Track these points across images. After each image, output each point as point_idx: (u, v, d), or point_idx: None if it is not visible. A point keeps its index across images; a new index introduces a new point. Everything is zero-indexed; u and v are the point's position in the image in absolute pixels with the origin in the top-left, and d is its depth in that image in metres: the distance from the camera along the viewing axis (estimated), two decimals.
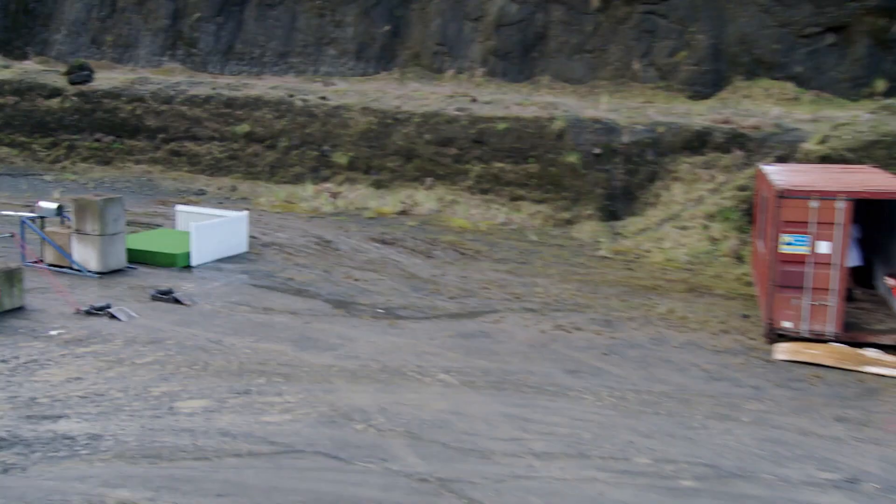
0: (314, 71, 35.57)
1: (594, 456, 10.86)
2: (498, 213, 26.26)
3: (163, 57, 36.81)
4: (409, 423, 11.69)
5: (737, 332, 16.87)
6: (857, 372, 14.64)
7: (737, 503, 9.69)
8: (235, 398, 12.38)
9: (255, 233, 23.05)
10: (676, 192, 25.41)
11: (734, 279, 20.96)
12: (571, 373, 14.20)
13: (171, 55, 36.79)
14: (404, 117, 29.09)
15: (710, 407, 12.86)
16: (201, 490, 9.55)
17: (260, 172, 30.03)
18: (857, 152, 22.79)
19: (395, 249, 22.80)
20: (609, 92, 31.03)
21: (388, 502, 9.41)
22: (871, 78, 28.57)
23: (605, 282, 20.39)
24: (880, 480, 10.41)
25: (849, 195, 15.61)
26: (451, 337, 15.91)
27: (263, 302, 17.66)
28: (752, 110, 27.87)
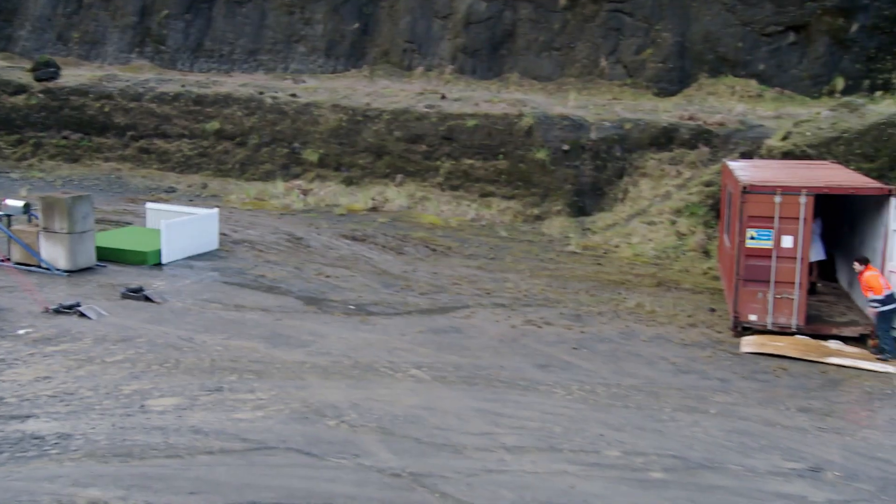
0: (284, 68, 35.44)
1: (565, 449, 10.99)
2: (468, 210, 26.38)
3: (131, 54, 36.45)
4: (381, 418, 11.75)
5: (704, 325, 17.13)
6: (820, 363, 14.94)
7: (705, 494, 9.87)
8: (207, 395, 12.37)
9: (226, 230, 22.96)
10: (644, 187, 25.69)
11: (701, 273, 21.25)
12: (542, 367, 14.35)
13: (140, 52, 36.44)
14: (374, 114, 29.09)
15: (678, 399, 13.06)
16: (173, 488, 9.54)
17: (230, 170, 29.89)
18: (818, 148, 23.19)
19: (366, 246, 22.83)
20: (577, 89, 31.27)
21: (361, 498, 9.47)
22: (831, 76, 29.09)
23: (575, 277, 20.58)
24: (842, 469, 10.66)
25: (811, 190, 15.92)
26: (422, 333, 15.99)
27: (234, 299, 17.63)
28: (717, 107, 28.25)
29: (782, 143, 24.04)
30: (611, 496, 9.70)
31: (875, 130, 22.92)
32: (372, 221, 25.33)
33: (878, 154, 22.63)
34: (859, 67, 28.94)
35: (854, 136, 23.10)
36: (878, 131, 22.88)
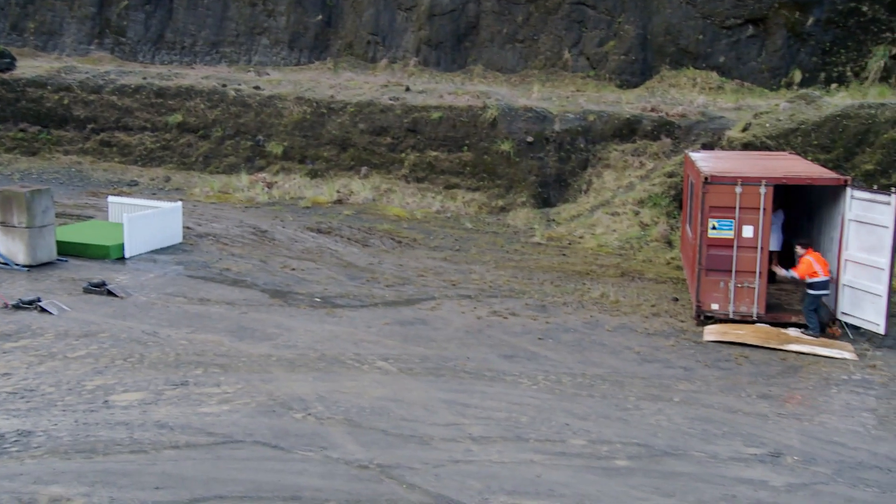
0: (247, 61, 35.16)
1: (531, 439, 11.09)
2: (433, 202, 26.40)
3: (90, 45, 35.91)
4: (348, 410, 11.76)
5: (667, 314, 17.34)
6: (779, 350, 15.22)
7: (668, 481, 10.01)
8: (172, 390, 12.29)
9: (190, 223, 22.75)
10: (607, 178, 25.91)
11: (664, 263, 21.51)
12: (508, 358, 14.44)
13: (99, 44, 35.92)
14: (339, 107, 28.98)
15: (642, 388, 13.23)
16: (139, 483, 9.47)
17: (194, 163, 29.60)
18: (777, 139, 23.56)
19: (332, 238, 22.76)
20: (540, 81, 31.42)
21: (329, 490, 9.48)
22: (789, 69, 29.55)
23: (540, 268, 20.71)
24: (800, 453, 10.89)
25: (770, 181, 16.17)
26: (388, 325, 16.01)
27: (199, 293, 17.50)
28: (679, 99, 28.57)
29: (742, 135, 24.37)
30: (576, 484, 9.81)
31: (831, 122, 23.33)
32: (337, 214, 25.25)
33: (834, 145, 23.04)
34: (815, 60, 29.43)
35: (811, 128, 23.50)
36: (833, 123, 23.29)
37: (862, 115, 23.03)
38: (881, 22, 28.75)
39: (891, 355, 15.12)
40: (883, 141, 22.39)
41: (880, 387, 13.63)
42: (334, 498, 9.29)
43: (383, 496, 9.37)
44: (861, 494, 9.82)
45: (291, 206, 26.17)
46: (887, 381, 13.84)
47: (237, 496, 9.26)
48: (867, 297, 15.54)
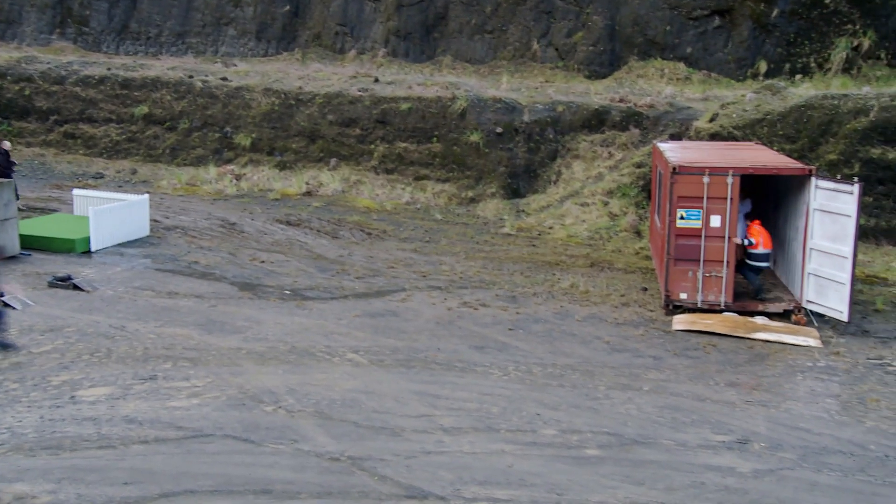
0: (214, 51, 34.79)
1: (502, 429, 11.13)
2: (403, 193, 26.36)
3: (51, 35, 35.30)
4: (318, 403, 11.73)
5: (637, 304, 17.47)
6: (747, 339, 15.40)
7: (638, 469, 10.11)
8: (141, 384, 12.17)
9: (157, 216, 22.51)
10: (577, 169, 26.02)
11: (633, 253, 21.66)
12: (478, 349, 14.47)
13: (61, 33, 35.32)
14: (307, 98, 28.79)
15: (612, 378, 13.32)
16: (107, 479, 9.38)
17: (160, 155, 29.26)
18: (744, 130, 23.80)
19: (301, 230, 22.65)
20: (509, 72, 31.43)
21: (300, 483, 9.46)
22: (754, 59, 29.82)
23: (510, 258, 20.77)
24: (767, 440, 11.04)
25: (737, 171, 16.33)
26: (358, 316, 15.97)
27: (167, 286, 17.33)
28: (647, 90, 28.73)
29: (710, 125, 24.58)
30: (548, 474, 9.87)
31: (796, 112, 23.60)
32: (306, 206, 25.12)
33: (799, 135, 23.32)
34: (780, 51, 29.72)
35: (777, 118, 23.76)
36: (798, 113, 23.56)
37: (825, 106, 23.33)
38: (843, 14, 29.09)
39: (854, 342, 15.36)
40: (846, 131, 22.70)
41: (843, 373, 13.85)
42: (305, 490, 9.27)
43: (355, 488, 9.36)
44: (825, 479, 9.99)
45: (260, 198, 25.98)
46: (850, 368, 14.08)
47: (207, 490, 9.20)
48: (831, 285, 15.76)
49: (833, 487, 9.78)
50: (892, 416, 12.05)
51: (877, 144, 22.34)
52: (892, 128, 22.27)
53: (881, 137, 22.36)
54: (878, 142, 22.35)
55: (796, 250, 16.82)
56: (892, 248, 21.22)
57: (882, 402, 12.53)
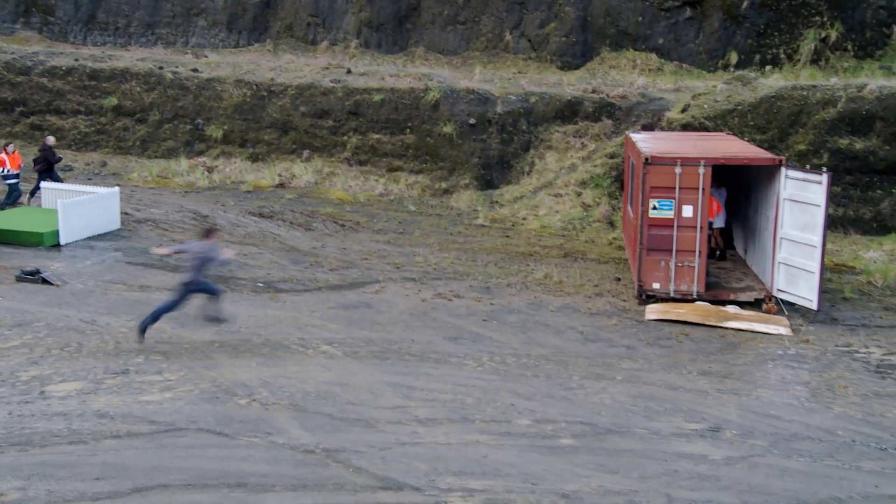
0: (184, 42, 34.44)
1: (477, 420, 11.15)
2: (376, 185, 26.29)
3: (15, 24, 34.75)
4: (293, 395, 11.68)
5: (610, 294, 17.57)
6: (719, 328, 15.55)
7: (612, 458, 10.17)
8: (112, 379, 12.05)
9: (128, 209, 22.26)
10: (550, 160, 26.09)
11: (606, 244, 21.77)
12: (453, 340, 14.49)
13: (25, 23, 34.78)
14: (279, 89, 28.61)
15: (586, 367, 13.39)
16: (78, 475, 9.28)
17: (131, 147, 28.95)
18: (715, 120, 23.98)
19: (274, 223, 22.52)
20: (482, 63, 31.43)
21: (275, 475, 9.42)
22: (725, 50, 30.06)
23: (483, 249, 20.79)
24: (738, 427, 11.16)
25: (709, 161, 16.46)
26: (332, 308, 15.92)
27: (139, 279, 17.16)
28: (619, 80, 28.85)
29: (681, 116, 24.75)
30: (522, 464, 9.91)
31: (766, 103, 23.81)
32: (279, 198, 24.98)
33: (769, 125, 23.54)
34: (750, 43, 29.97)
35: (747, 109, 23.96)
36: (768, 104, 23.78)
37: (795, 97, 23.56)
38: (811, 6, 29.39)
39: (823, 330, 15.56)
40: (814, 122, 22.95)
41: (813, 360, 14.03)
42: (280, 483, 9.24)
43: (330, 480, 9.35)
44: (794, 464, 10.12)
45: (232, 190, 25.80)
46: (819, 355, 14.26)
47: (181, 484, 9.14)
48: (801, 273, 15.94)
49: (802, 473, 9.92)
50: (859, 402, 12.24)
51: (844, 135, 22.62)
52: (858, 118, 22.55)
53: (848, 128, 22.63)
54: (846, 132, 22.62)
55: (767, 240, 16.98)
56: (859, 237, 21.51)
57: (849, 389, 12.71)
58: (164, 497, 8.89)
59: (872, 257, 19.88)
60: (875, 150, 22.23)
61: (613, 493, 9.26)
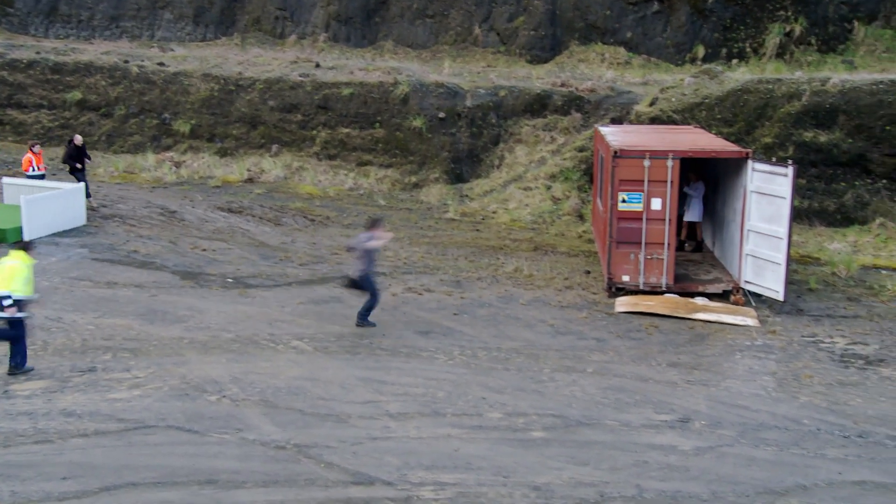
0: (150, 36, 34.03)
1: (448, 413, 11.18)
2: (346, 179, 26.18)
3: None
4: (263, 391, 11.63)
5: (580, 287, 17.66)
6: (688, 320, 15.70)
7: (583, 450, 10.25)
8: (79, 377, 11.91)
9: (94, 205, 21.99)
10: (519, 153, 26.14)
11: (576, 237, 21.87)
12: (423, 334, 14.49)
13: None
14: (247, 83, 28.37)
15: (556, 360, 13.46)
16: (44, 475, 9.18)
17: (96, 142, 28.52)
18: (683, 113, 24.17)
19: (243, 218, 22.36)
20: (451, 56, 31.40)
21: (245, 472, 9.38)
22: (692, 44, 30.30)
23: (454, 243, 20.80)
24: (707, 418, 11.28)
25: (677, 154, 16.58)
26: (302, 304, 15.85)
27: (106, 276, 16.96)
28: (588, 74, 28.97)
29: (650, 109, 24.90)
30: (494, 457, 9.95)
31: (733, 96, 24.04)
32: (248, 193, 24.79)
33: (735, 119, 23.76)
34: (717, 36, 30.24)
35: (714, 102, 24.17)
36: (735, 97, 24.00)
37: (761, 90, 23.80)
38: (776, 1, 29.71)
39: (789, 320, 15.77)
40: (780, 115, 23.20)
41: (779, 351, 14.22)
42: (251, 480, 9.19)
43: (301, 476, 9.32)
44: (762, 454, 10.25)
45: (201, 185, 25.57)
46: (785, 346, 14.45)
47: (150, 482, 9.07)
48: (768, 265, 16.12)
49: (769, 462, 10.05)
50: (823, 391, 12.42)
51: (809, 128, 22.90)
52: (822, 112, 22.84)
53: (813, 121, 22.91)
54: (811, 125, 22.91)
55: (734, 232, 17.16)
56: (824, 228, 21.80)
57: (815, 378, 12.90)
58: (132, 496, 8.82)
59: (836, 248, 20.17)
60: (838, 143, 22.53)
61: (584, 484, 9.33)
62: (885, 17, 30.14)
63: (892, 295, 17.30)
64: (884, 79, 23.29)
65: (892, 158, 22.19)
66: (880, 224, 21.35)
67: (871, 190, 22.19)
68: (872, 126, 22.32)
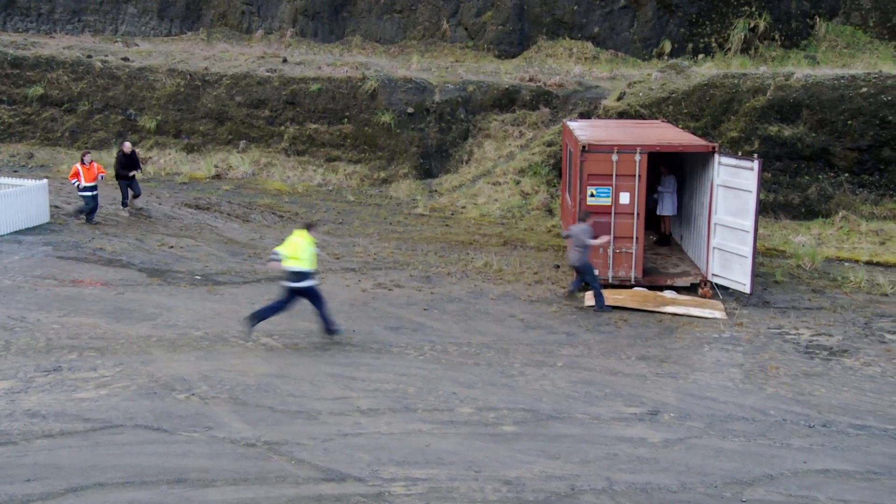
0: (113, 30, 33.59)
1: (419, 409, 11.17)
2: (314, 175, 26.05)
3: None
4: (233, 389, 11.54)
5: (549, 281, 17.72)
6: (656, 313, 15.82)
7: (554, 443, 10.29)
8: (44, 377, 11.74)
9: (58, 202, 21.67)
10: (488, 149, 26.17)
11: (545, 231, 21.95)
12: (394, 329, 14.47)
13: None
14: (214, 79, 28.11)
15: (527, 354, 13.50)
16: (7, 477, 9.02)
17: (59, 138, 28.13)
18: (650, 108, 24.33)
19: (211, 214, 22.16)
20: (419, 52, 31.36)
21: (215, 470, 9.30)
22: (659, 39, 30.54)
23: (423, 239, 20.78)
24: (676, 410, 11.39)
25: (644, 148, 16.69)
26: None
27: (71, 274, 16.73)
28: (556, 69, 29.07)
29: (617, 104, 25.04)
30: (465, 452, 9.96)
31: (699, 91, 24.25)
32: (216, 189, 24.58)
33: (702, 113, 23.98)
34: (683, 31, 30.49)
35: (681, 97, 24.36)
36: (701, 92, 24.22)
37: (726, 85, 24.03)
38: None
39: (756, 313, 15.95)
40: (745, 109, 23.44)
41: (746, 343, 14.38)
42: (221, 478, 9.12)
43: (271, 473, 9.26)
44: (729, 445, 10.37)
45: (168, 181, 25.31)
46: (752, 338, 14.62)
47: (118, 482, 8.96)
48: (735, 258, 16.30)
49: (737, 452, 10.17)
50: (789, 382, 12.59)
51: (773, 122, 23.16)
52: (787, 106, 23.12)
53: (777, 115, 23.18)
54: (775, 119, 23.18)
55: (702, 225, 17.32)
56: (789, 221, 22.08)
57: (781, 370, 13.07)
58: (100, 496, 8.71)
59: (801, 241, 20.43)
60: (802, 137, 22.82)
61: (555, 478, 9.37)
62: (846, 13, 30.61)
63: (855, 287, 17.58)
64: (845, 74, 23.63)
65: (853, 152, 22.54)
66: (843, 217, 21.68)
67: (833, 183, 22.52)
68: (835, 120, 22.64)
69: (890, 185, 22.24)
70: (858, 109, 22.48)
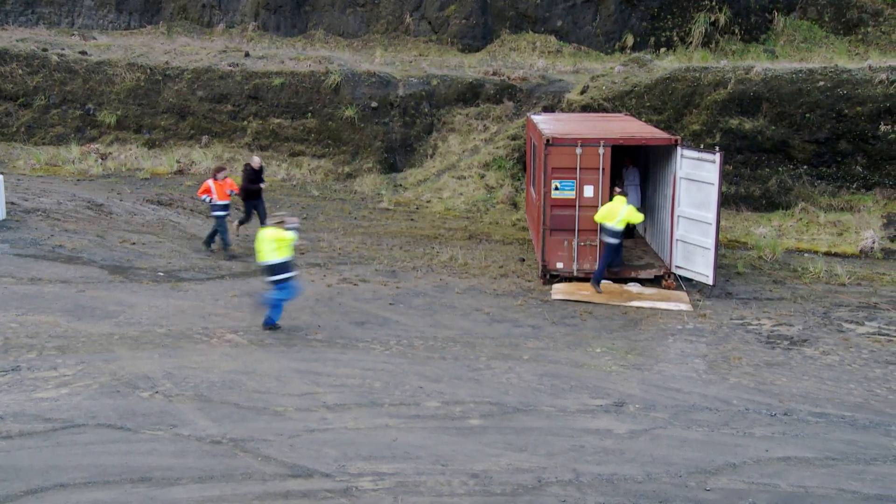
0: (69, 23, 33.01)
1: (386, 403, 11.15)
2: (278, 170, 25.87)
3: None
4: (197, 386, 11.43)
5: (515, 275, 17.79)
6: (621, 306, 15.95)
7: (521, 436, 10.33)
8: (2, 377, 11.53)
9: (14, 199, 21.25)
10: (453, 142, 26.17)
11: (510, 225, 22.01)
12: (359, 324, 14.43)
13: None
14: (175, 73, 27.77)
15: (493, 348, 13.54)
16: None
17: (14, 133, 27.60)
18: (613, 101, 24.50)
19: (174, 210, 21.91)
20: (383, 45, 31.26)
21: (180, 468, 9.21)
22: (622, 33, 30.74)
23: (388, 233, 20.74)
24: (641, 401, 11.49)
25: (608, 141, 16.80)
26: (236, 297, 15.63)
27: (29, 272, 16.43)
28: (520, 63, 29.15)
29: (581, 97, 25.17)
30: (432, 446, 9.97)
31: (661, 84, 24.46)
32: (178, 185, 24.30)
33: (665, 106, 24.19)
34: (645, 25, 30.73)
35: (644, 90, 24.55)
36: (664, 85, 24.43)
37: (688, 78, 24.26)
38: None
39: (718, 304, 16.15)
40: (707, 102, 23.70)
41: (710, 334, 14.56)
42: (186, 476, 9.04)
43: (238, 470, 9.20)
44: (694, 434, 10.49)
45: (129, 177, 24.96)
46: (715, 329, 14.80)
47: (80, 482, 8.84)
48: (698, 250, 16.47)
49: (701, 442, 10.29)
50: (751, 371, 12.77)
51: (734, 115, 23.44)
52: (747, 99, 23.41)
53: (738, 108, 23.46)
54: (736, 112, 23.46)
55: (665, 218, 17.48)
56: (750, 213, 22.38)
57: (743, 360, 13.25)
58: (61, 497, 8.58)
59: (762, 233, 20.72)
60: (762, 130, 23.13)
61: (522, 470, 9.42)
62: (802, 8, 31.06)
63: (814, 277, 17.87)
64: (802, 68, 23.98)
65: (811, 145, 22.90)
66: (802, 209, 22.02)
67: (793, 175, 22.85)
68: (793, 114, 22.97)
69: (846, 178, 22.64)
70: (816, 103, 22.83)
